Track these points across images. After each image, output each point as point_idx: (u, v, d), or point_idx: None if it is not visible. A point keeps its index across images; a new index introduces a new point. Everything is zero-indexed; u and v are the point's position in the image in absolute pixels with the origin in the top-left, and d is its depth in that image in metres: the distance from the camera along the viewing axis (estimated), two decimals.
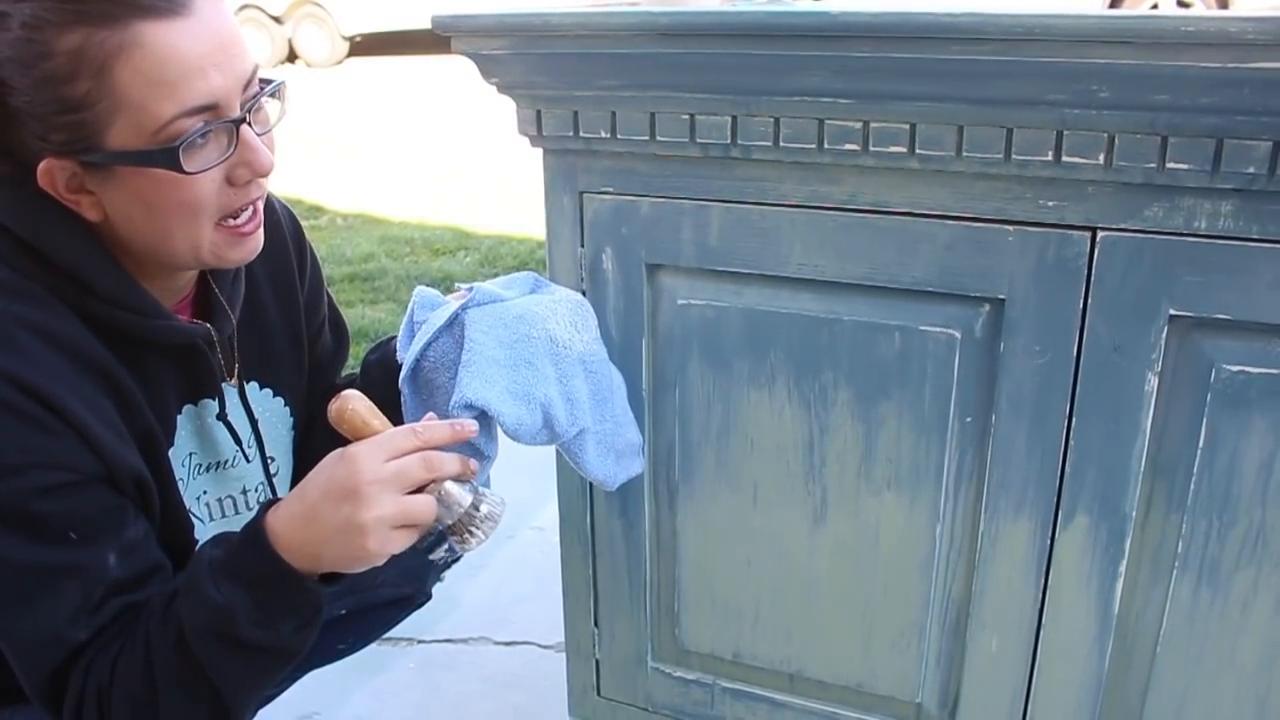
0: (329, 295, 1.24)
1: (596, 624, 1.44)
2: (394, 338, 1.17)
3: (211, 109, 0.88)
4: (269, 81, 0.95)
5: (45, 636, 0.88)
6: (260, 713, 1.19)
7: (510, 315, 1.10)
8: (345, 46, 11.22)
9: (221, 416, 1.05)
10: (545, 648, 1.91)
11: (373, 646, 1.91)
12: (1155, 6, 7.99)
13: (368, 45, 11.55)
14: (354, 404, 0.96)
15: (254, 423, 1.10)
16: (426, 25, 1.17)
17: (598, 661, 1.46)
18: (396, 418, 1.01)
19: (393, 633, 1.96)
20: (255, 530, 0.90)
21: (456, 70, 9.06)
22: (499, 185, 5.51)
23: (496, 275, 4.11)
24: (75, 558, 0.87)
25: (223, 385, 1.05)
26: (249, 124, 0.92)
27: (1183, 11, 0.97)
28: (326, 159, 6.44)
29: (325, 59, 11.12)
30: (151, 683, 0.89)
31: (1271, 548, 1.07)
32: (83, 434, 0.87)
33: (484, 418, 1.05)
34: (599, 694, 1.48)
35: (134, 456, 0.92)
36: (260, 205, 0.98)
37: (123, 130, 0.85)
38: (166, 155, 0.86)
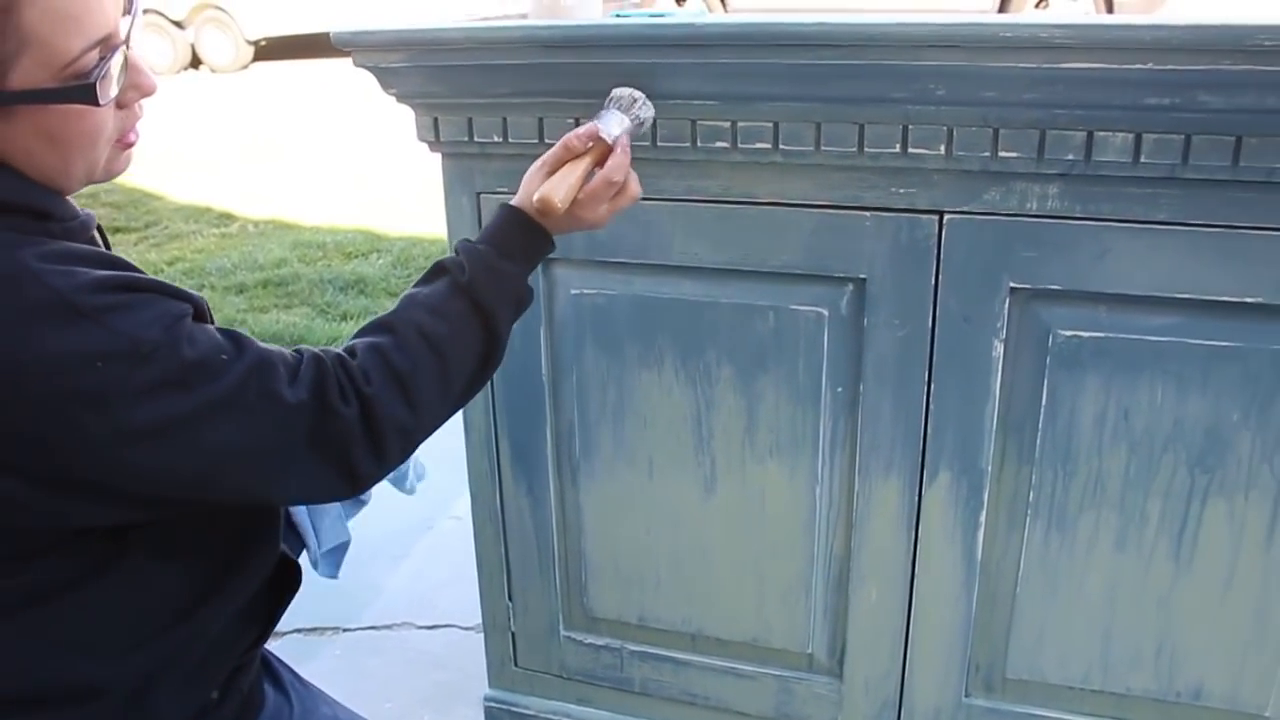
0: None
1: (510, 598, 1.52)
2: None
3: (107, 38, 0.90)
4: None
5: (272, 419, 0.89)
6: None
7: None
8: (250, 51, 11.04)
9: None
10: (466, 629, 1.98)
11: (297, 637, 1.98)
12: (1044, 5, 8.23)
13: (272, 49, 11.40)
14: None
15: None
16: (331, 29, 1.23)
17: (513, 634, 1.54)
18: None
19: (317, 623, 2.03)
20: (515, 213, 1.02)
21: (363, 75, 8.98)
22: (408, 187, 5.52)
23: (410, 276, 4.17)
24: (241, 367, 0.89)
25: None
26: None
27: (1001, 17, 1.08)
28: (234, 165, 6.39)
29: (229, 64, 10.95)
30: (439, 348, 0.94)
31: (1109, 492, 1.19)
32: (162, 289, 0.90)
33: None
34: (516, 665, 1.56)
35: None
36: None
37: (29, 69, 0.86)
38: (84, 91, 0.88)
